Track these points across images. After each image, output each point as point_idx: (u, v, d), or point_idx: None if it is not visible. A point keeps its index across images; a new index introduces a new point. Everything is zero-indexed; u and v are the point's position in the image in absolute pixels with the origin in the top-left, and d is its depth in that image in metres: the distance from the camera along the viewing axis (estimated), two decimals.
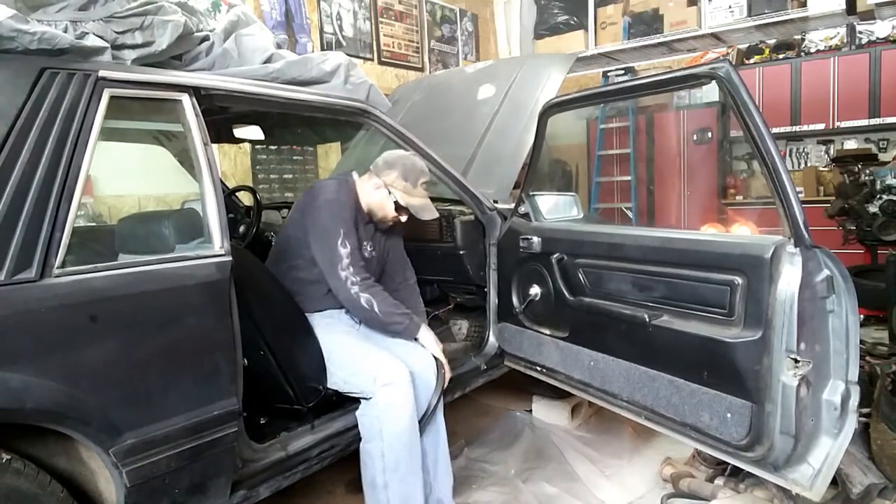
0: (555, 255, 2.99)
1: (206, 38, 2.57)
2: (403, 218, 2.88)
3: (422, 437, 2.63)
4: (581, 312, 2.89)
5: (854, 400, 2.18)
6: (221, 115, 2.95)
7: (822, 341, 2.16)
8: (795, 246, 2.09)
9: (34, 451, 1.86)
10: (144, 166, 4.21)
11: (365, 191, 2.85)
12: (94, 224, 4.15)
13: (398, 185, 2.78)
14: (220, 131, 3.48)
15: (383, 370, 2.53)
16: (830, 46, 7.46)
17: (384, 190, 2.79)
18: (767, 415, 2.13)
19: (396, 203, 2.79)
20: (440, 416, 2.77)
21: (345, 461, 2.68)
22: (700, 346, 2.33)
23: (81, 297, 1.80)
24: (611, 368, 2.74)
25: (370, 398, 2.53)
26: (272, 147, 5.84)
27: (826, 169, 7.48)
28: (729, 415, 2.25)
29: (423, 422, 2.65)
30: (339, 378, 2.64)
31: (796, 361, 2.06)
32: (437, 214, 2.92)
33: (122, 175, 4.50)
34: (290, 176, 6.06)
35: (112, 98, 2.00)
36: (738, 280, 2.23)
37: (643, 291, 2.61)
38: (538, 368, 3.20)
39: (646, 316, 2.51)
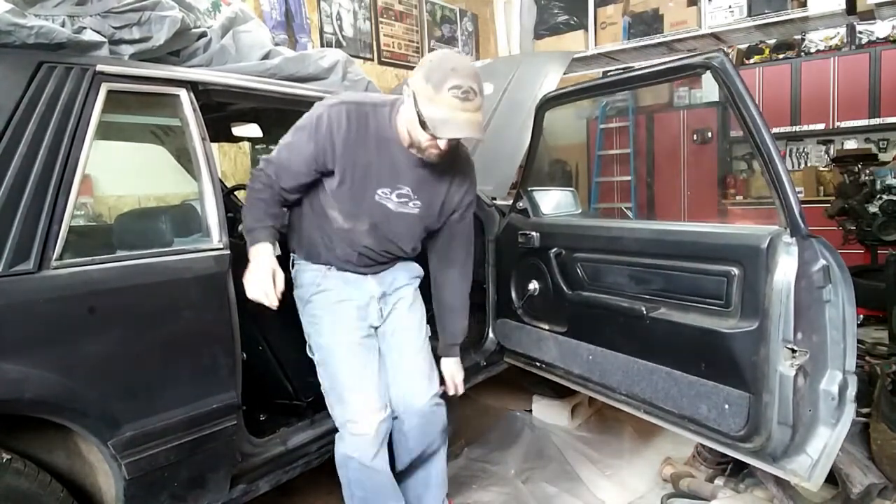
0: (553, 250, 3.00)
1: (203, 35, 2.58)
2: (441, 144, 2.10)
3: (407, 482, 2.52)
4: (579, 306, 2.89)
5: (852, 390, 2.18)
6: (220, 112, 2.95)
7: (818, 331, 2.15)
8: (791, 236, 2.09)
9: (33, 447, 1.87)
10: (144, 167, 4.21)
11: (402, 112, 2.20)
12: (94, 224, 4.15)
13: (420, 90, 2.04)
14: (218, 130, 3.49)
15: (358, 418, 2.25)
16: (830, 46, 7.49)
17: (411, 99, 2.08)
18: (765, 405, 2.13)
19: (420, 118, 2.05)
20: (437, 468, 2.55)
21: None
22: (697, 337, 2.33)
23: (79, 289, 1.81)
24: (609, 362, 2.74)
25: (339, 427, 2.34)
26: (272, 147, 5.84)
27: (826, 169, 7.49)
28: (727, 406, 2.24)
29: (410, 468, 2.51)
30: (323, 387, 2.40)
31: (793, 351, 2.06)
32: (466, 134, 2.05)
33: (122, 176, 4.51)
34: None
35: (109, 92, 2.01)
36: (735, 271, 2.23)
37: (640, 284, 2.62)
38: (537, 364, 3.20)
39: (643, 308, 2.51)
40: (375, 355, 2.39)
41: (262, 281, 2.09)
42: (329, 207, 2.27)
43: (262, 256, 2.14)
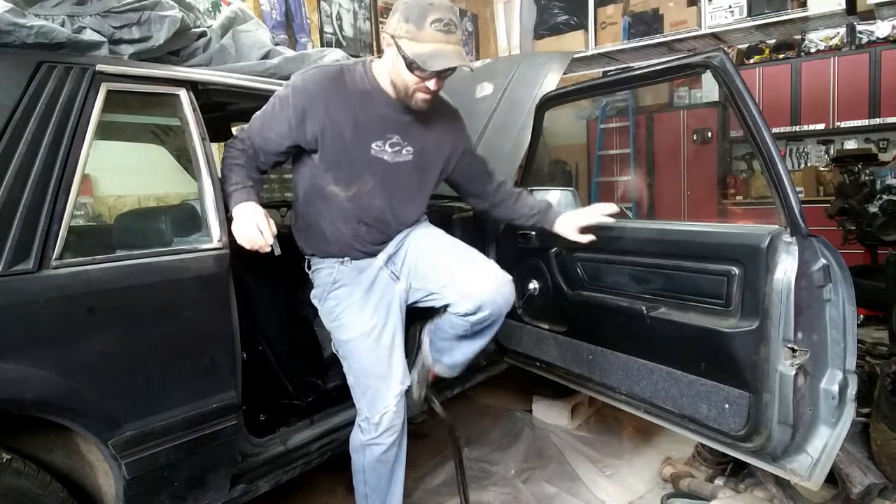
0: (553, 250, 3.00)
1: (203, 35, 2.58)
2: (430, 84, 2.11)
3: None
4: (579, 306, 2.89)
5: (852, 389, 2.18)
6: (220, 112, 2.95)
7: (819, 330, 2.16)
8: (792, 235, 2.09)
9: (33, 447, 1.87)
10: (144, 167, 4.22)
11: (382, 63, 2.22)
12: (94, 224, 4.16)
13: (401, 32, 2.05)
14: (218, 130, 3.49)
15: (381, 406, 2.28)
16: (830, 46, 7.49)
17: (393, 47, 2.10)
18: (765, 405, 2.13)
19: (406, 59, 2.05)
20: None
21: (346, 461, 2.67)
22: (698, 336, 2.33)
23: (79, 289, 1.81)
24: (609, 362, 2.74)
25: (361, 420, 2.36)
26: None
27: (826, 169, 7.48)
28: (727, 405, 2.25)
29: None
30: (349, 378, 2.39)
31: (794, 351, 2.06)
32: (457, 62, 2.05)
33: (122, 176, 4.51)
34: (290, 175, 6.05)
35: (109, 92, 2.01)
36: (735, 270, 2.23)
37: (641, 283, 2.61)
38: (537, 364, 3.19)
39: (643, 308, 2.51)
40: (398, 334, 2.36)
41: (247, 225, 2.07)
42: (327, 184, 2.26)
43: (247, 207, 2.11)
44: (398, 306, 2.38)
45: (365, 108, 2.21)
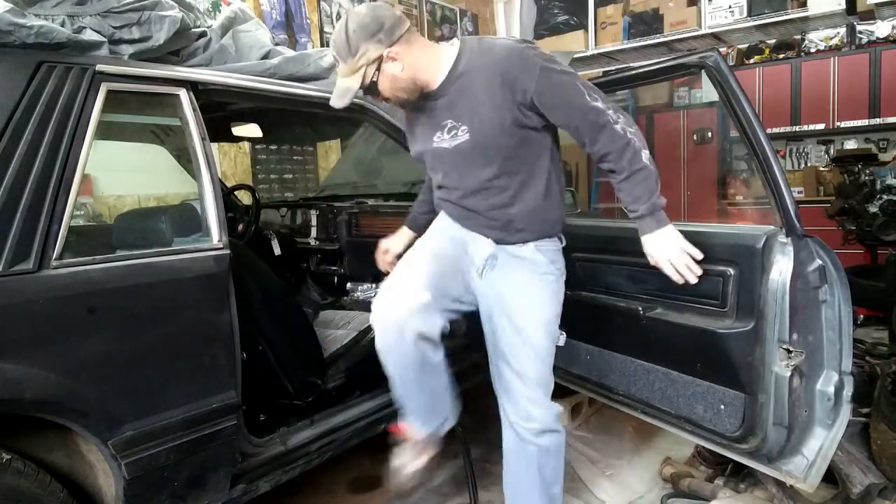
0: None
1: (203, 35, 2.58)
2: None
3: None
4: (577, 306, 2.87)
5: (848, 390, 2.18)
6: (220, 112, 2.95)
7: (814, 331, 2.16)
8: (787, 236, 2.09)
9: (33, 447, 1.88)
10: (144, 167, 4.23)
11: None
12: (94, 224, 4.16)
13: None
14: (218, 130, 3.49)
15: (394, 295, 2.12)
16: (830, 46, 7.47)
17: None
18: (760, 406, 2.14)
19: None
20: None
21: (346, 461, 2.68)
22: (693, 337, 2.33)
23: (79, 289, 1.81)
24: (607, 362, 2.74)
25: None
26: (272, 147, 5.85)
27: (826, 169, 7.47)
28: (722, 406, 2.25)
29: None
30: None
31: (789, 352, 2.07)
32: (336, 103, 2.10)
33: (122, 176, 4.52)
34: (290, 176, 6.07)
35: (109, 92, 2.01)
36: (731, 271, 2.24)
37: (638, 284, 2.62)
38: None
39: (640, 308, 2.51)
40: (446, 266, 2.24)
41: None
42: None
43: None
44: (466, 280, 2.29)
45: (415, 113, 2.25)
